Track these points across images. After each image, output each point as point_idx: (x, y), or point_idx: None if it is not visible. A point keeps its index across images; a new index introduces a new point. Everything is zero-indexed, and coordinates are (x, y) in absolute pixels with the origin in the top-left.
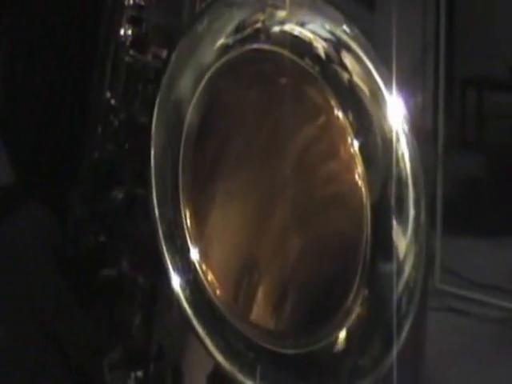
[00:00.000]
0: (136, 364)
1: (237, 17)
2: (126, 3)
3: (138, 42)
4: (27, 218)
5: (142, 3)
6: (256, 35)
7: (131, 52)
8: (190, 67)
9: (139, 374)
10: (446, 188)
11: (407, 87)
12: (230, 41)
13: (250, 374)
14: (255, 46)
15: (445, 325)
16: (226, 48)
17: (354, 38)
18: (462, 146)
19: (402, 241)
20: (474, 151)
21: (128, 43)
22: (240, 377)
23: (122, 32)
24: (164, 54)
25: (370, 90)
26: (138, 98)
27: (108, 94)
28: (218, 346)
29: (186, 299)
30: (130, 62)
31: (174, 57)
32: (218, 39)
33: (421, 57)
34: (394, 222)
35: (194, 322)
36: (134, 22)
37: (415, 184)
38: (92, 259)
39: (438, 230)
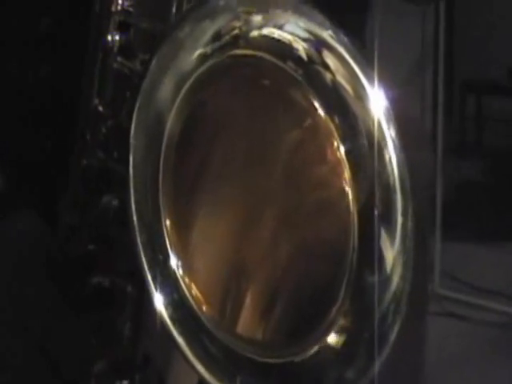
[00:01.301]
0: (122, 373)
1: (211, 27)
2: (114, 9)
3: (126, 49)
4: (16, 225)
5: (130, 9)
6: (235, 42)
7: (119, 58)
8: (171, 74)
9: (125, 383)
10: (445, 192)
11: (405, 89)
12: (209, 50)
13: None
14: (235, 51)
15: (445, 329)
16: (204, 57)
17: (336, 39)
18: (462, 150)
19: (390, 250)
20: (473, 155)
21: (116, 49)
22: None
23: (109, 38)
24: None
25: (355, 90)
26: (125, 105)
27: (96, 101)
28: (198, 356)
29: (169, 317)
30: (117, 69)
31: (154, 63)
32: (196, 48)
33: (420, 61)
34: (383, 227)
35: (175, 334)
36: (122, 28)
37: (403, 190)
38: (81, 267)
39: (438, 235)
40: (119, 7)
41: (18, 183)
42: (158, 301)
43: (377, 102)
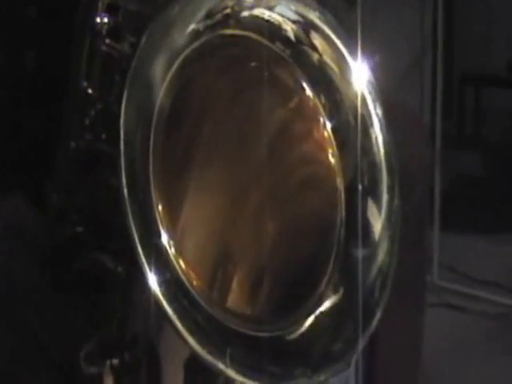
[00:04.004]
0: (111, 352)
1: (206, 3)
2: None
3: (115, 31)
4: (3, 207)
5: None
6: (226, 21)
7: (107, 41)
8: (162, 52)
9: (115, 361)
10: (443, 184)
11: (405, 82)
12: (201, 26)
13: (221, 356)
14: (226, 31)
15: (443, 321)
16: (196, 34)
17: (324, 20)
18: (461, 143)
19: (376, 224)
20: (472, 148)
21: (104, 32)
22: (211, 359)
23: (98, 20)
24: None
25: (341, 70)
26: (114, 87)
27: (84, 84)
28: (190, 331)
29: (163, 294)
30: (106, 51)
31: (144, 40)
32: (188, 25)
33: (419, 53)
34: (369, 203)
35: (167, 307)
36: (110, 11)
37: (389, 169)
38: (69, 249)
39: (436, 227)
40: None
41: (4, 166)
42: (152, 280)
43: (360, 75)
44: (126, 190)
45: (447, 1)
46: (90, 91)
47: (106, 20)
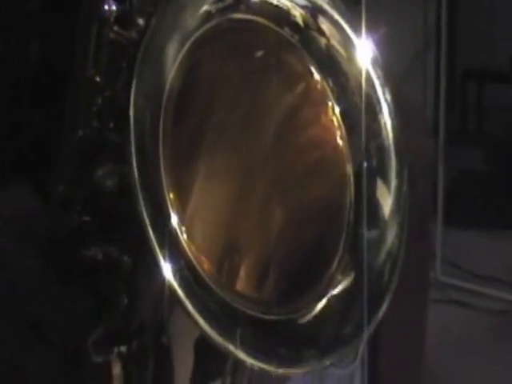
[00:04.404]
0: (119, 339)
1: None
2: None
3: (123, 18)
4: (8, 197)
5: None
6: (236, 4)
7: (115, 28)
8: (173, 33)
9: (122, 349)
10: (447, 180)
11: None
12: (213, 8)
13: (231, 338)
14: (236, 15)
15: (446, 316)
16: (208, 15)
17: (331, 4)
18: (463, 138)
19: (385, 206)
20: (475, 143)
21: (112, 19)
22: (222, 341)
23: (106, 7)
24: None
25: (348, 53)
26: (122, 75)
27: (92, 71)
28: (197, 310)
29: (175, 279)
30: (114, 39)
31: (155, 22)
32: (201, 6)
33: (422, 49)
34: (378, 184)
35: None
36: None
37: (398, 154)
38: (75, 239)
39: (440, 223)
40: None
41: (10, 155)
42: (164, 265)
43: (365, 52)
44: (136, 175)
45: None
46: (97, 79)
47: (114, 7)
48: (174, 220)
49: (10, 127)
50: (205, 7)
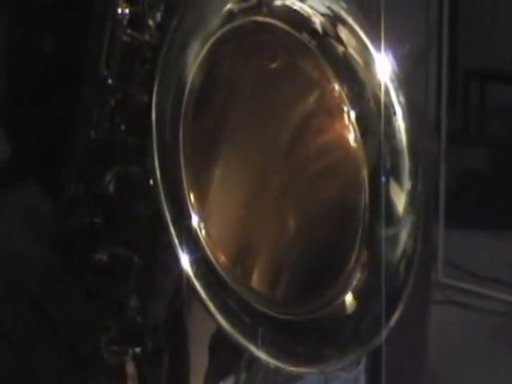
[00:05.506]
0: (133, 340)
1: None
2: None
3: (136, 21)
4: (20, 199)
5: None
6: (259, 7)
7: (128, 31)
8: (195, 32)
9: (137, 350)
10: (448, 181)
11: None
12: (236, 8)
13: (251, 337)
14: (258, 17)
15: (447, 318)
16: (230, 15)
17: (350, 12)
18: (465, 139)
19: (399, 205)
20: (477, 144)
21: (125, 22)
22: (242, 340)
23: (119, 11)
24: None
25: (365, 61)
26: (135, 78)
27: (105, 73)
28: (219, 309)
29: (194, 274)
30: (127, 41)
31: (176, 22)
32: (225, 4)
33: (424, 49)
34: (392, 184)
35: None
36: (132, 1)
37: (411, 155)
38: (86, 239)
39: (441, 224)
40: None
41: (22, 154)
42: (184, 260)
43: (384, 68)
44: (158, 173)
45: None
46: (110, 81)
47: (127, 10)
48: (194, 218)
49: (22, 127)
50: (228, 5)
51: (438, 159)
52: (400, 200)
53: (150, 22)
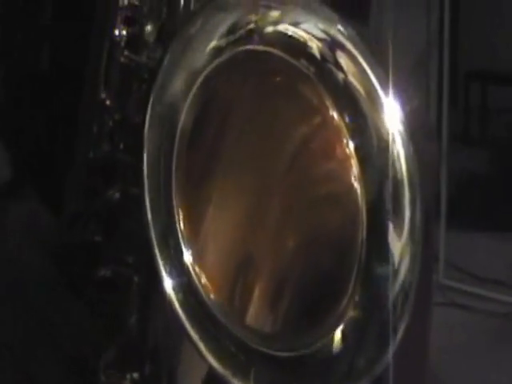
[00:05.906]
0: (131, 365)
1: (229, 18)
2: (121, 4)
3: (133, 43)
4: (21, 213)
5: (137, 3)
6: (249, 36)
7: (126, 52)
8: (183, 69)
9: (135, 375)
10: (450, 183)
11: (409, 83)
12: (223, 43)
13: (244, 377)
14: (248, 47)
15: (449, 319)
16: (218, 50)
17: (348, 38)
18: (467, 141)
19: (398, 242)
20: (478, 146)
21: (123, 44)
22: (234, 381)
23: (116, 32)
24: (158, 54)
25: (366, 90)
26: (132, 99)
27: (103, 95)
28: (210, 349)
29: (179, 302)
30: (124, 63)
31: (166, 59)
32: (210, 41)
33: (425, 51)
34: (390, 224)
35: (187, 324)
36: (129, 23)
37: (411, 184)
38: (86, 258)
39: (442, 226)
40: (126, 2)
41: (24, 172)
42: (168, 285)
43: (392, 111)
44: (147, 198)
45: None
46: (108, 102)
47: (124, 32)
48: (187, 253)
49: (25, 145)
50: (214, 43)
51: (439, 161)
52: (400, 235)
53: (148, 45)
